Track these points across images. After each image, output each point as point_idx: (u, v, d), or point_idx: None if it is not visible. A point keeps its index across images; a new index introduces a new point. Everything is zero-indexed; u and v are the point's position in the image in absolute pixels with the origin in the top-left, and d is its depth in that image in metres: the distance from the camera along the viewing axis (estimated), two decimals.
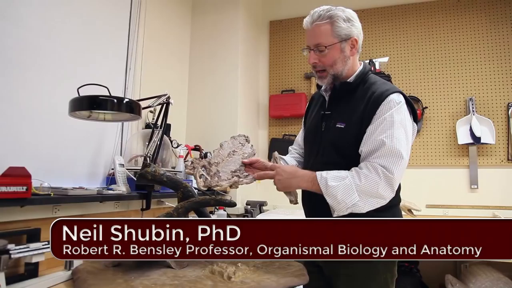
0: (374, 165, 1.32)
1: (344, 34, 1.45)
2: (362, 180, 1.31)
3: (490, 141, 3.03)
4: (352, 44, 1.48)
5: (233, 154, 1.52)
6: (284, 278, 1.20)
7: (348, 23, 1.46)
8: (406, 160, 1.36)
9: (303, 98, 3.50)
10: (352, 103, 1.48)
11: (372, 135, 1.38)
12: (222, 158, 1.50)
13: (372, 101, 1.41)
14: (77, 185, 1.79)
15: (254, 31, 3.62)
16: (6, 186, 1.18)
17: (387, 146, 1.33)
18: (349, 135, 1.44)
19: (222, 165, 1.48)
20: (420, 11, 3.40)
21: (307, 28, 1.50)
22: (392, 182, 1.32)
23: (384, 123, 1.36)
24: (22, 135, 1.61)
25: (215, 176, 1.43)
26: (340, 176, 1.33)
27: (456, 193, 3.15)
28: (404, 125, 1.37)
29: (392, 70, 3.40)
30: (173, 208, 1.57)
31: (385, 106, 1.38)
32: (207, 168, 1.43)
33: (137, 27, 2.44)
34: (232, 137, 1.60)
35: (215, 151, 1.53)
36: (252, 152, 1.57)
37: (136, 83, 2.43)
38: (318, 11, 1.47)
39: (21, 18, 1.62)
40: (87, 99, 1.47)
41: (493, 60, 3.17)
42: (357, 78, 1.51)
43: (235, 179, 1.45)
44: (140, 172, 1.69)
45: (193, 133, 3.17)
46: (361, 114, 1.43)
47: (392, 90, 1.42)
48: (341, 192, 1.30)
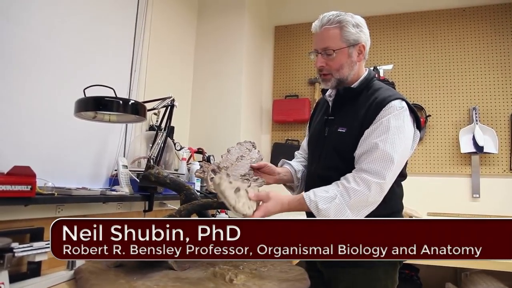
0: (362, 177, 1.31)
1: (352, 40, 1.46)
2: (352, 196, 1.29)
3: (492, 150, 3.03)
4: (359, 50, 1.49)
5: (241, 159, 1.53)
6: (286, 282, 1.21)
7: (357, 29, 1.47)
8: (397, 166, 1.35)
9: (307, 103, 3.50)
10: (354, 109, 1.48)
11: (367, 138, 1.38)
12: (231, 162, 1.51)
13: (373, 106, 1.42)
14: (80, 186, 1.79)
15: (259, 36, 3.64)
16: (11, 185, 1.18)
17: (379, 150, 1.33)
18: (350, 140, 1.44)
19: (231, 169, 1.48)
20: (425, 19, 3.41)
21: (315, 31, 1.51)
22: (383, 187, 1.32)
23: (380, 127, 1.36)
24: (26, 135, 1.62)
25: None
26: (329, 197, 1.30)
27: (458, 201, 3.14)
28: (401, 130, 1.36)
29: (396, 78, 3.41)
30: (176, 210, 1.58)
31: (385, 112, 1.38)
32: (216, 172, 1.43)
33: (143, 29, 2.46)
34: (238, 143, 1.61)
35: (223, 156, 1.53)
36: (260, 157, 1.58)
37: (141, 85, 2.44)
38: (327, 15, 1.47)
39: (25, 19, 1.63)
40: (93, 100, 1.48)
41: (498, 69, 3.18)
42: (361, 84, 1.51)
43: (245, 183, 1.46)
44: (144, 174, 1.70)
45: (196, 136, 3.17)
46: (362, 119, 1.43)
47: (394, 97, 1.42)
48: (333, 213, 1.28)
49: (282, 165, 1.72)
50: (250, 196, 1.27)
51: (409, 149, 1.43)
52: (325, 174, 1.49)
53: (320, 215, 1.29)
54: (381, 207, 1.36)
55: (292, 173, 1.68)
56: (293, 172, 1.69)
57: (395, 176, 1.38)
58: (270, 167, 1.58)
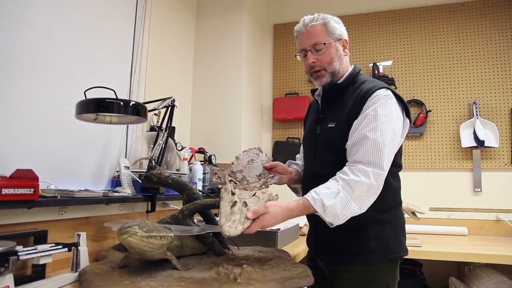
0: (358, 168, 1.32)
1: (337, 34, 1.53)
2: (354, 188, 1.30)
3: (493, 144, 3.03)
4: (343, 45, 1.55)
5: (252, 162, 1.55)
6: (289, 279, 1.21)
7: (339, 25, 1.55)
8: (389, 153, 1.36)
9: (307, 101, 3.51)
10: (342, 103, 1.52)
11: (356, 129, 1.40)
12: (243, 166, 1.53)
13: (359, 98, 1.45)
14: (82, 188, 1.80)
15: (258, 35, 3.64)
16: (14, 188, 1.18)
17: (370, 139, 1.34)
18: (340, 133, 1.46)
19: (245, 171, 1.50)
20: (424, 15, 3.41)
21: (300, 32, 1.56)
22: (383, 176, 1.33)
23: (368, 117, 1.38)
24: (28, 138, 1.62)
25: (243, 180, 1.44)
26: (332, 193, 1.29)
27: (460, 196, 3.15)
28: (389, 118, 1.38)
29: (396, 74, 3.41)
30: (178, 210, 1.58)
31: (370, 101, 1.41)
32: (232, 176, 1.45)
33: (142, 30, 2.46)
34: (244, 151, 1.63)
35: (234, 162, 1.56)
36: (269, 159, 1.60)
37: (141, 86, 2.45)
38: (309, 16, 1.55)
39: (27, 19, 1.63)
40: (94, 101, 1.48)
41: (497, 64, 3.18)
42: (347, 79, 1.56)
43: (264, 180, 1.47)
44: (146, 174, 1.71)
45: (197, 136, 3.18)
46: (349, 111, 1.46)
47: (379, 86, 1.44)
48: (340, 208, 1.28)
49: (289, 166, 1.74)
50: (248, 215, 1.21)
51: (399, 136, 1.44)
52: (320, 172, 1.50)
53: (326, 212, 1.28)
54: (378, 201, 1.36)
55: (300, 173, 1.70)
56: (301, 172, 1.71)
57: (389, 163, 1.39)
58: (283, 166, 1.61)
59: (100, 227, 1.71)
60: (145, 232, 1.16)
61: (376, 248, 1.44)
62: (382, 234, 1.46)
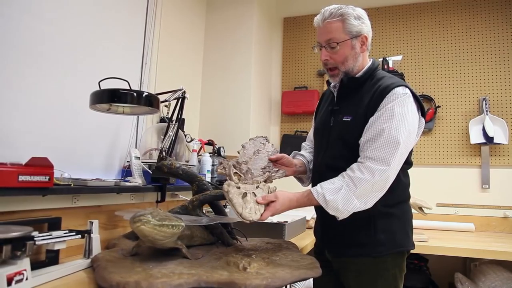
0: (366, 165, 1.35)
1: (355, 31, 1.49)
2: (358, 185, 1.33)
3: (503, 141, 3.02)
4: (362, 41, 1.52)
5: (258, 153, 1.56)
6: (298, 270, 1.23)
7: (359, 21, 1.50)
8: (403, 152, 1.37)
9: (316, 95, 3.51)
10: (359, 97, 1.51)
11: (372, 125, 1.40)
12: (249, 157, 1.54)
13: (377, 94, 1.44)
14: (94, 177, 1.83)
15: (267, 28, 3.64)
16: (30, 175, 1.21)
17: (384, 136, 1.35)
18: (355, 128, 1.46)
19: (250, 163, 1.51)
20: (434, 9, 3.39)
21: (318, 25, 1.54)
22: (388, 174, 1.34)
23: (385, 114, 1.38)
24: (42, 127, 1.65)
25: (247, 173, 1.46)
26: (335, 188, 1.35)
27: (468, 192, 3.15)
28: (406, 117, 1.38)
29: (405, 69, 3.40)
30: (188, 201, 1.61)
31: (388, 98, 1.41)
32: (237, 167, 1.46)
33: (153, 22, 2.48)
34: (251, 139, 1.63)
35: (240, 152, 1.57)
36: (275, 150, 1.61)
37: (152, 77, 2.47)
38: (329, 9, 1.50)
39: (41, 13, 1.66)
40: (108, 92, 1.50)
41: (508, 59, 3.16)
42: (365, 73, 1.54)
43: (268, 174, 1.48)
44: (157, 165, 1.73)
45: (206, 128, 3.20)
46: (366, 107, 1.45)
47: (397, 84, 1.44)
48: (341, 203, 1.33)
49: (295, 157, 1.74)
50: (258, 200, 1.32)
51: (414, 136, 1.45)
52: (332, 163, 1.51)
53: (328, 206, 1.34)
54: (388, 196, 1.39)
55: (305, 164, 1.71)
56: (306, 163, 1.71)
57: (401, 162, 1.40)
58: (288, 159, 1.62)
59: (111, 215, 1.74)
60: (158, 220, 1.18)
61: (384, 241, 1.45)
62: (390, 228, 1.47)
